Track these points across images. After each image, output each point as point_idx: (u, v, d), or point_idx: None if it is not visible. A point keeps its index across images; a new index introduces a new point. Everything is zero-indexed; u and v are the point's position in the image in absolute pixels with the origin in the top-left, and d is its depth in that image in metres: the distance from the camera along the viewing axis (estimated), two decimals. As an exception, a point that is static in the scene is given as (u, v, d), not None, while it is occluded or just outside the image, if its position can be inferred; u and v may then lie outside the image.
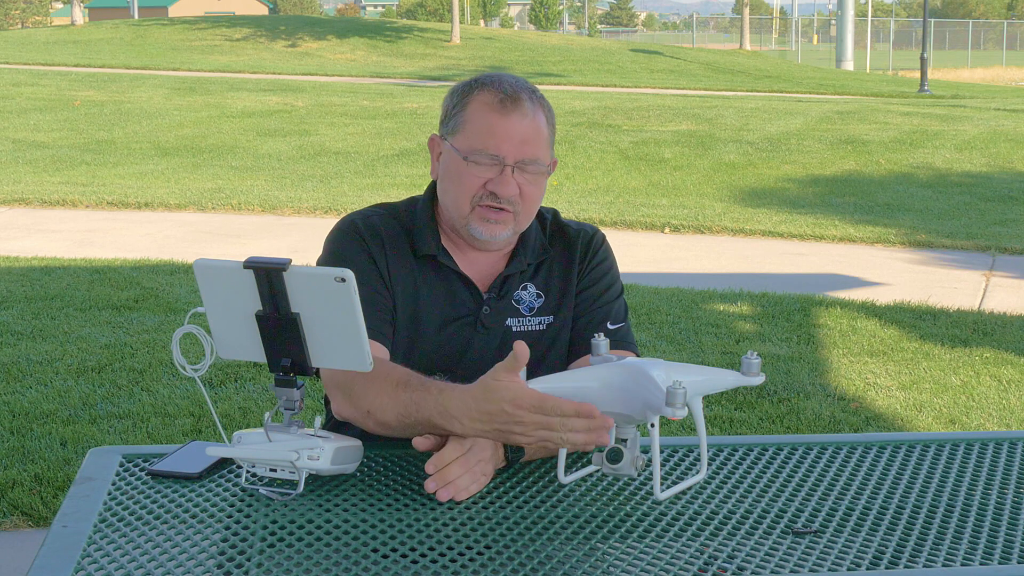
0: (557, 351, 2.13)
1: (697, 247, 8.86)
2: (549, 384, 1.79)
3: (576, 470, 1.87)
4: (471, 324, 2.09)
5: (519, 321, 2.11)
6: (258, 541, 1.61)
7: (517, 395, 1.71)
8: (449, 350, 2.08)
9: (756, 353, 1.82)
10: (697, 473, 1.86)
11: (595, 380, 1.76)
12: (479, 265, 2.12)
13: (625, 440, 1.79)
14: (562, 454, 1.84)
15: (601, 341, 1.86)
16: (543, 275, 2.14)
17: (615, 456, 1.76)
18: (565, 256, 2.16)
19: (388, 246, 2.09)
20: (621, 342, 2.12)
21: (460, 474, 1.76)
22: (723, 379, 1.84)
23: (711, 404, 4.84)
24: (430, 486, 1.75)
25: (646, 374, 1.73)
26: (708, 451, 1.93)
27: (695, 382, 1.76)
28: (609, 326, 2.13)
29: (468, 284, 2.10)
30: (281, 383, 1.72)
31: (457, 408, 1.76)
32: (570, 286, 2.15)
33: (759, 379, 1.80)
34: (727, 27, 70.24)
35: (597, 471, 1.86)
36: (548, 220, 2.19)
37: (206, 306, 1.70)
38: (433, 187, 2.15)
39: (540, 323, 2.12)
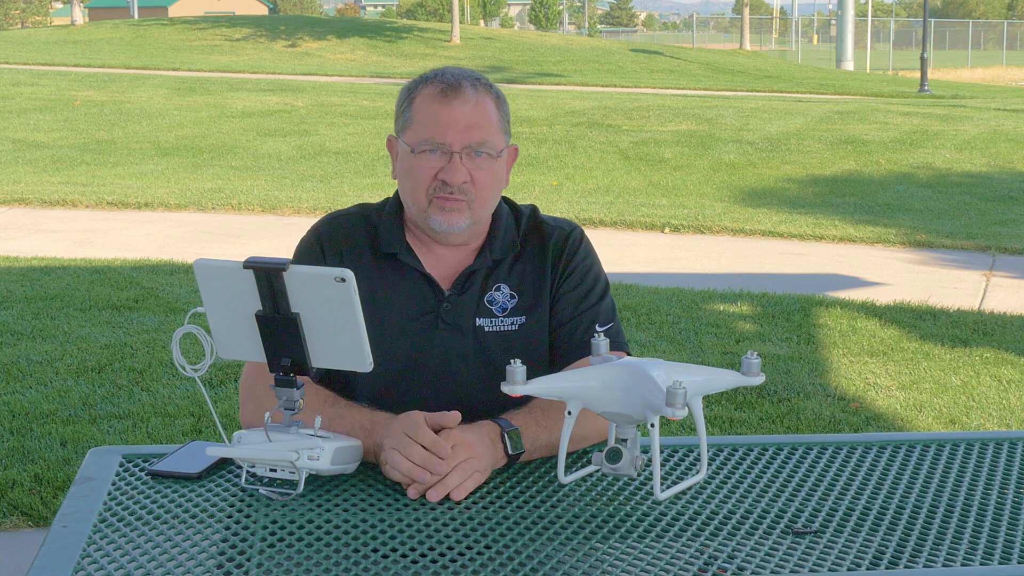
0: (532, 352, 2.07)
1: (697, 247, 8.86)
2: (549, 384, 1.78)
3: (576, 470, 1.87)
4: (432, 322, 2.08)
5: (491, 322, 2.09)
6: (258, 541, 1.61)
7: (408, 418, 1.82)
8: (413, 349, 2.06)
9: (756, 353, 1.82)
10: (697, 473, 1.86)
11: (595, 380, 1.76)
12: (446, 263, 2.11)
13: (625, 440, 1.78)
14: (562, 454, 1.83)
15: (601, 341, 1.86)
16: (517, 275, 2.12)
17: (614, 456, 1.76)
18: (540, 254, 2.13)
19: (347, 252, 2.09)
20: (612, 342, 2.10)
21: (445, 471, 1.77)
22: (723, 379, 1.84)
23: (711, 404, 4.84)
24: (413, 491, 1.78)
25: (646, 374, 1.73)
26: (708, 451, 1.93)
27: (695, 382, 1.76)
28: (597, 328, 2.08)
29: (430, 282, 2.09)
30: (281, 383, 1.71)
31: (382, 422, 1.86)
32: (544, 286, 2.12)
33: (759, 379, 1.80)
34: (727, 27, 70.24)
35: (597, 471, 1.86)
36: (525, 216, 2.17)
37: (206, 306, 1.70)
38: None
39: (512, 323, 2.10)
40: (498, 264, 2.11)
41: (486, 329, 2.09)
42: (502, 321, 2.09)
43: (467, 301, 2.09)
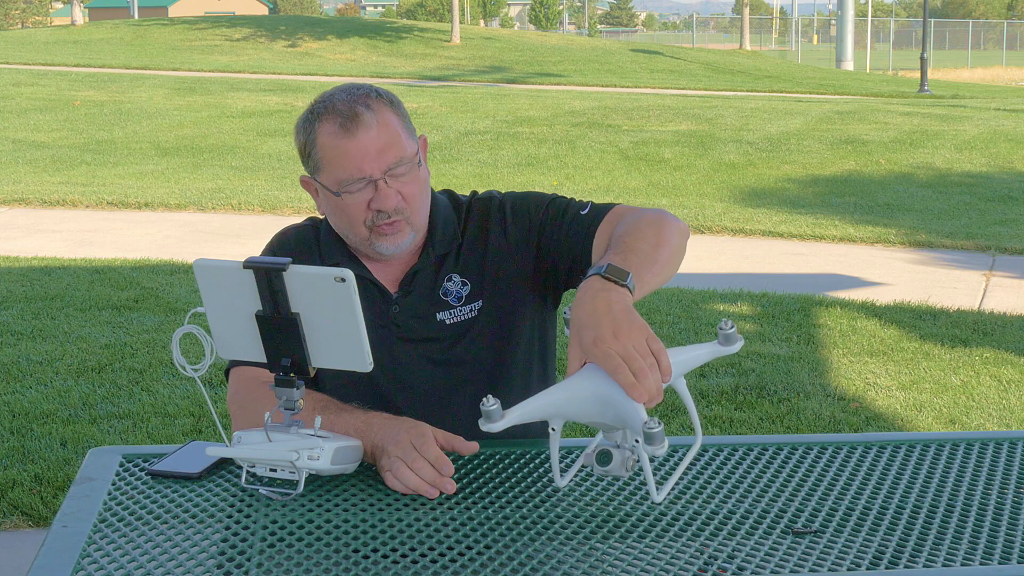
0: (497, 332, 2.08)
1: (697, 247, 8.82)
2: (525, 409, 1.71)
3: (571, 468, 1.86)
4: (384, 326, 2.08)
5: (451, 313, 2.10)
6: (258, 541, 1.61)
7: (417, 428, 1.80)
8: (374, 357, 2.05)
9: (730, 321, 1.81)
10: (694, 446, 1.86)
11: (564, 391, 1.70)
12: (391, 266, 2.11)
13: (615, 442, 1.76)
14: (554, 460, 1.81)
15: None
16: (463, 261, 2.13)
17: (605, 458, 1.73)
18: (475, 235, 2.15)
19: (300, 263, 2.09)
20: (599, 215, 2.07)
21: (453, 490, 1.77)
22: (700, 353, 1.83)
23: (711, 404, 4.85)
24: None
25: (615, 390, 1.66)
26: (708, 451, 1.93)
27: (675, 363, 1.74)
28: (581, 212, 2.07)
29: (378, 287, 2.09)
30: (281, 383, 1.71)
31: (379, 424, 1.83)
32: (486, 263, 2.12)
33: (736, 346, 1.79)
34: (727, 27, 70.26)
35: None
36: (465, 205, 2.18)
37: (206, 306, 1.70)
38: None
39: (471, 310, 2.10)
40: (445, 256, 2.12)
41: (447, 322, 2.09)
42: (460, 311, 2.10)
43: (416, 301, 2.10)
